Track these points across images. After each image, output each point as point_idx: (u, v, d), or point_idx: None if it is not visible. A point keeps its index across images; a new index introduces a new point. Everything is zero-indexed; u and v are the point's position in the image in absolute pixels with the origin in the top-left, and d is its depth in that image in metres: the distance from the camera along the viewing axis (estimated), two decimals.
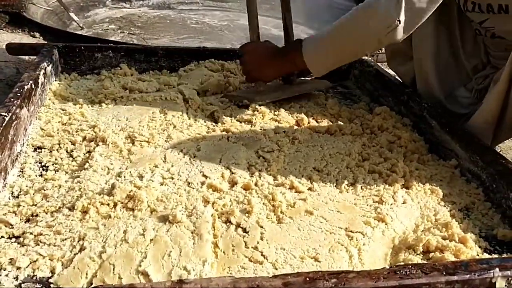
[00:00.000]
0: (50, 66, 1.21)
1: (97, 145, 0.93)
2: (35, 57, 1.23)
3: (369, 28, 0.97)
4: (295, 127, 1.09)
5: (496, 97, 0.99)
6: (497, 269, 0.57)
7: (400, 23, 0.93)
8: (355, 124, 1.12)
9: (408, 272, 0.56)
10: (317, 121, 1.13)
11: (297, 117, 1.13)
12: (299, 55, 1.06)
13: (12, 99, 0.92)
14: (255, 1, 1.20)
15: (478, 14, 1.04)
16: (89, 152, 0.91)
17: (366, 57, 1.49)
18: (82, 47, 1.33)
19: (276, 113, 1.15)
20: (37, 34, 1.79)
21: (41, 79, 1.10)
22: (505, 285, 0.57)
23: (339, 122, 1.13)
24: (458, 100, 1.20)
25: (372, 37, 0.99)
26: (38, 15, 2.15)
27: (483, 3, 1.01)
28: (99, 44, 1.39)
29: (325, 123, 1.13)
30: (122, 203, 0.74)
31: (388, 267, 0.57)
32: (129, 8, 2.75)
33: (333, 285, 0.53)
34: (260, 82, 1.21)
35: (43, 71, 1.13)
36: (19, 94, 0.95)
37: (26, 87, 0.98)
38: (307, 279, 0.53)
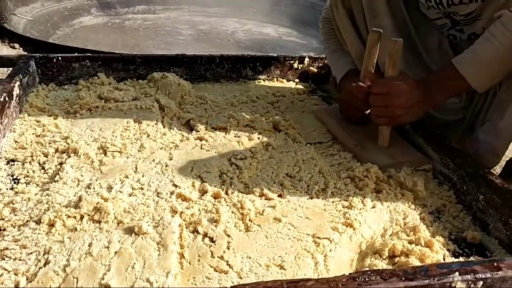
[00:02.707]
0: (27, 77, 1.21)
1: (69, 156, 0.93)
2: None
3: None
4: (270, 133, 1.09)
5: None
6: (456, 273, 0.57)
7: None
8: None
9: (367, 279, 0.56)
10: (293, 127, 1.13)
11: (273, 123, 1.13)
12: (460, 78, 0.96)
13: None
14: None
15: (465, 6, 1.00)
16: (61, 163, 0.91)
17: None
18: (59, 58, 1.33)
19: (252, 119, 1.15)
20: (17, 45, 1.79)
21: (16, 91, 1.10)
22: None
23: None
24: (448, 108, 1.18)
25: None
26: (20, 26, 2.14)
27: None
28: (76, 54, 1.38)
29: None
30: (88, 215, 0.74)
31: (348, 273, 0.57)
32: (114, 15, 2.75)
33: None
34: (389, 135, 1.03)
35: (18, 83, 1.13)
36: None
37: None
38: None
